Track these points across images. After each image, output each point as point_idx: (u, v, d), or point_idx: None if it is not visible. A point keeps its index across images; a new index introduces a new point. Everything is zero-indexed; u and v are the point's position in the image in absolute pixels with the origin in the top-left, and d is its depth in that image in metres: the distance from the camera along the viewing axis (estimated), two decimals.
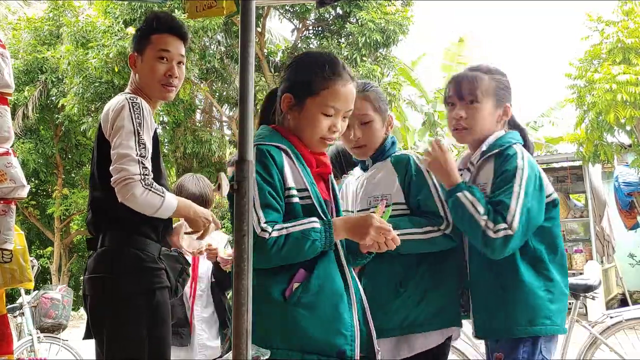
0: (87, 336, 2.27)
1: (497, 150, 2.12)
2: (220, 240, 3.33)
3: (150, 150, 2.11)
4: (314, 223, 1.71)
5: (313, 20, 13.02)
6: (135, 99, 2.14)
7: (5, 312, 2.78)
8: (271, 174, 1.72)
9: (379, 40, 11.28)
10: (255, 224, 1.63)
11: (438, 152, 2.09)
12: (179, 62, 2.32)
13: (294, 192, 1.75)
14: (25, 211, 14.94)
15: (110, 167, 2.04)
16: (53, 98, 13.34)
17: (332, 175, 1.99)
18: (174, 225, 2.46)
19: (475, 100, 2.16)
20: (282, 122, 1.89)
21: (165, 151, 12.63)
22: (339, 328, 1.70)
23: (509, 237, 1.95)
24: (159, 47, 2.27)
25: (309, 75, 1.82)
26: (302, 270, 1.72)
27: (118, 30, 11.27)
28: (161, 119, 12.04)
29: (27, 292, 5.39)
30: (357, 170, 2.44)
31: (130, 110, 2.09)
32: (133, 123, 2.07)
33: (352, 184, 2.38)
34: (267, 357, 2.74)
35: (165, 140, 12.70)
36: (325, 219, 1.76)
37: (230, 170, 3.13)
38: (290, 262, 1.70)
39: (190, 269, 2.36)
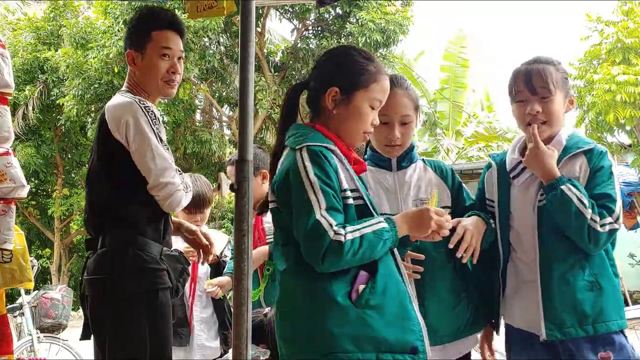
0: (84, 336, 2.26)
1: (586, 148, 2.08)
2: (220, 240, 3.33)
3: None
4: (382, 223, 1.70)
5: (313, 20, 13.02)
6: (145, 103, 2.15)
7: (5, 312, 2.78)
8: (329, 176, 1.68)
9: (379, 40, 11.29)
10: (326, 227, 1.60)
11: (538, 144, 2.01)
12: (179, 58, 2.31)
13: (349, 193, 1.72)
14: (25, 211, 14.94)
15: (150, 180, 2.09)
16: (54, 98, 13.33)
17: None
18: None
19: (550, 93, 2.06)
20: (318, 118, 1.84)
21: None
22: (408, 325, 1.70)
23: (613, 230, 1.94)
24: (160, 45, 2.25)
25: (359, 68, 1.79)
26: (363, 272, 1.69)
27: (118, 30, 11.26)
28: (161, 118, 12.03)
29: (27, 292, 5.39)
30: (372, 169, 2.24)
31: (146, 117, 2.12)
32: (154, 131, 2.12)
33: (376, 182, 2.20)
34: (267, 357, 2.74)
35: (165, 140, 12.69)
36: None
37: (230, 169, 3.11)
38: (362, 263, 1.68)
39: (190, 269, 2.35)
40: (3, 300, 2.73)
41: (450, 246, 1.96)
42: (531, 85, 2.06)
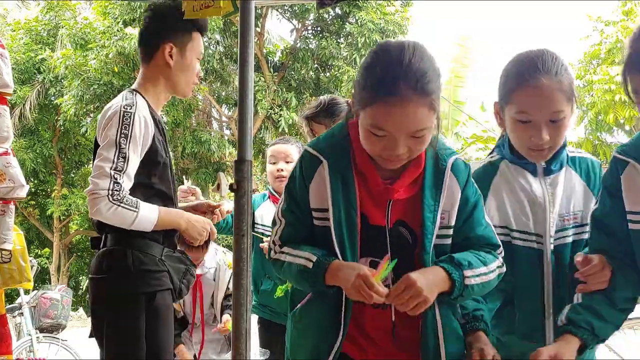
0: (92, 335, 2.26)
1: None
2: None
3: (134, 163, 2.05)
4: (309, 259, 1.44)
5: (312, 21, 13.02)
6: (129, 108, 2.07)
7: (4, 312, 2.77)
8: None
9: (378, 40, 11.29)
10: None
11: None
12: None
13: (316, 213, 1.52)
14: (24, 211, 14.94)
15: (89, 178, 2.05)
16: (52, 98, 13.33)
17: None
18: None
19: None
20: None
21: None
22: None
23: None
24: (199, 49, 2.27)
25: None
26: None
27: (117, 30, 11.26)
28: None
29: (26, 292, 5.38)
30: (511, 170, 1.71)
31: (119, 120, 2.04)
32: (117, 134, 2.02)
33: (518, 192, 1.68)
34: (266, 357, 2.74)
35: None
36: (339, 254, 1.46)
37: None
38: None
39: (194, 270, 2.33)
40: (2, 300, 2.72)
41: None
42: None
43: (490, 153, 1.80)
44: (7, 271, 2.61)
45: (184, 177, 13.46)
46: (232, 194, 1.59)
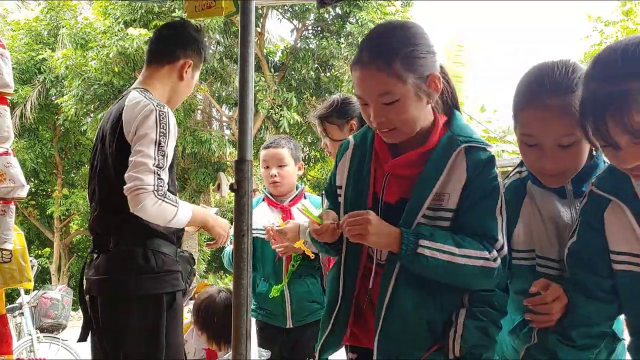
0: (82, 338, 2.24)
1: None
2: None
3: (170, 161, 2.10)
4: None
5: (312, 20, 13.02)
6: (163, 108, 2.13)
7: (5, 312, 2.77)
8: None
9: None
10: None
11: None
12: None
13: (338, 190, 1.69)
14: (24, 211, 14.94)
15: (126, 174, 2.02)
16: (53, 98, 13.33)
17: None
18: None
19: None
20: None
21: None
22: None
23: None
24: (198, 70, 2.36)
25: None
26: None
27: (118, 30, 11.26)
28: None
29: (27, 292, 5.38)
30: (537, 191, 1.57)
31: (156, 119, 2.08)
32: (157, 132, 2.06)
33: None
34: (268, 357, 2.73)
35: None
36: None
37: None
38: None
39: (195, 269, 2.34)
40: (3, 300, 2.72)
41: None
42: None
43: (520, 165, 1.63)
44: (8, 271, 2.61)
45: None
46: (232, 193, 1.59)
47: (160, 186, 1.99)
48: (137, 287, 2.08)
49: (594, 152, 1.52)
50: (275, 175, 2.96)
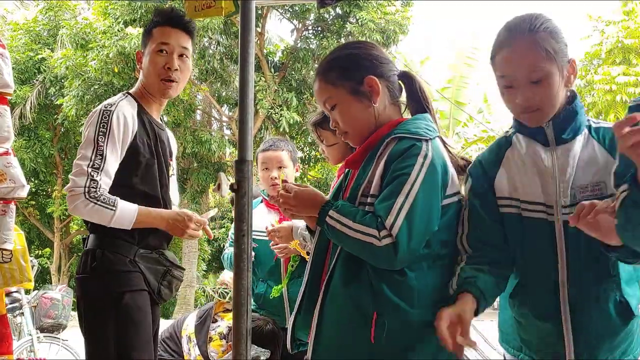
0: None
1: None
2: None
3: (112, 161, 2.05)
4: None
5: (313, 20, 13.02)
6: (110, 106, 2.09)
7: (5, 312, 2.77)
8: None
9: (379, 40, 11.29)
10: None
11: None
12: (181, 55, 2.21)
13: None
14: (25, 211, 14.95)
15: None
16: (52, 98, 13.33)
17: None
18: None
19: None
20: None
21: None
22: None
23: None
24: (158, 40, 2.19)
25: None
26: None
27: (118, 30, 11.26)
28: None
29: (27, 292, 5.39)
30: (522, 142, 1.66)
31: (98, 119, 2.06)
32: (96, 132, 2.04)
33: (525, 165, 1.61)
34: (267, 357, 2.74)
35: None
36: None
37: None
38: None
39: (179, 270, 2.25)
40: (3, 300, 2.72)
41: None
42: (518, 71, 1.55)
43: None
44: (8, 271, 2.61)
45: None
46: (233, 193, 1.59)
47: (92, 188, 1.99)
48: (85, 286, 2.10)
49: (573, 100, 1.60)
50: (275, 178, 2.97)
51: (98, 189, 2.00)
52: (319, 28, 13.05)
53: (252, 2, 1.65)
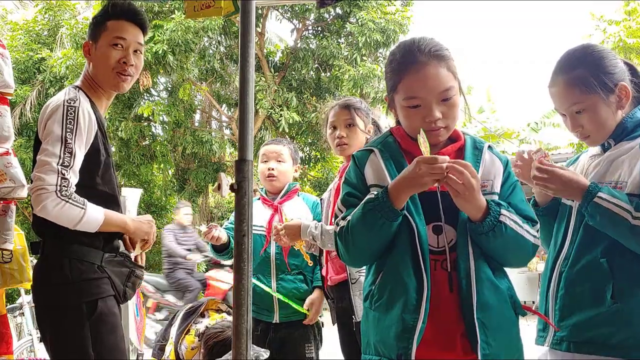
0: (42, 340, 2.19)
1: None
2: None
3: (80, 159, 2.00)
4: (370, 196, 1.60)
5: (313, 20, 13.01)
6: (73, 103, 2.02)
7: (5, 312, 2.77)
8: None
9: (379, 40, 11.27)
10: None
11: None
12: (136, 50, 2.20)
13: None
14: (25, 211, 14.93)
15: (31, 174, 1.95)
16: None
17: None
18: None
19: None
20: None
21: (165, 151, 12.64)
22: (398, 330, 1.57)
23: None
24: (113, 34, 2.16)
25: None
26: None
27: None
28: (161, 118, 12.04)
29: (27, 292, 5.38)
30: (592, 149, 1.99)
31: (63, 114, 1.98)
32: (63, 128, 1.96)
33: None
34: (266, 357, 2.74)
35: (165, 140, 12.70)
36: None
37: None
38: (363, 247, 1.64)
39: (140, 270, 2.21)
40: (3, 300, 2.72)
41: None
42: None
43: None
44: (8, 271, 2.61)
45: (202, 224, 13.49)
46: (233, 194, 1.59)
47: (64, 186, 1.91)
48: (55, 297, 2.02)
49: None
50: (272, 169, 2.99)
51: (69, 188, 1.93)
52: (319, 28, 13.04)
53: (252, 2, 1.64)
